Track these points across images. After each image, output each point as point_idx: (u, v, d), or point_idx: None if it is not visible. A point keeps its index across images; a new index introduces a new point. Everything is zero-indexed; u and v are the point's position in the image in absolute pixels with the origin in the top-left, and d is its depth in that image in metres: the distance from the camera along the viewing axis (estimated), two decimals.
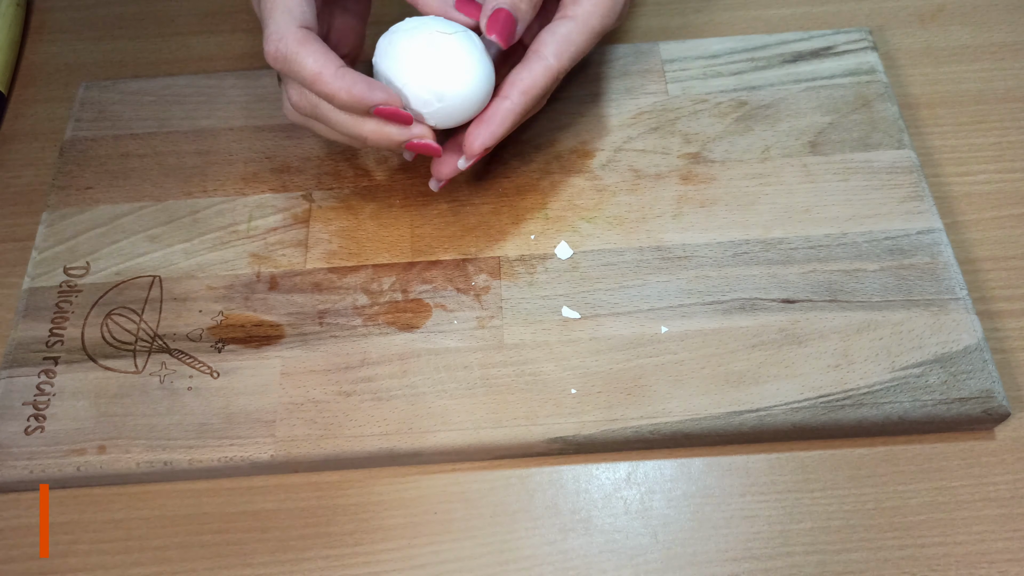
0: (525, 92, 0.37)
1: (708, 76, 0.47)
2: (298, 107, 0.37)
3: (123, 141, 0.46)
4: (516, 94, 0.37)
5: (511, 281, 0.41)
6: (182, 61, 0.52)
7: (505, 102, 0.37)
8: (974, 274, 0.42)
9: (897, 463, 0.38)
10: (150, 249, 0.43)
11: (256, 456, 0.37)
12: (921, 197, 0.42)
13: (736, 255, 0.41)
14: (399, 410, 0.38)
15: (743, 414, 0.37)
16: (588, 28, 0.38)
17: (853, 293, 0.40)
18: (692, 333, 0.39)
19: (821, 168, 0.44)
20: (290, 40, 0.34)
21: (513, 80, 0.37)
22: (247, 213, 0.44)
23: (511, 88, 0.37)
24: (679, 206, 0.43)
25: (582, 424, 0.37)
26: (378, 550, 0.37)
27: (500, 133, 0.37)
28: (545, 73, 0.37)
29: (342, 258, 0.42)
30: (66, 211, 0.44)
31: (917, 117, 0.47)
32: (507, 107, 0.37)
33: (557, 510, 0.37)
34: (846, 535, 0.36)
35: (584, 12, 0.38)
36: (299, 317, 0.40)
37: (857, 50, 0.47)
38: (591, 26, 0.38)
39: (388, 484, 0.38)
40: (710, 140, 0.45)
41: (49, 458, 0.37)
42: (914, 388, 0.37)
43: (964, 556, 0.36)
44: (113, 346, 0.40)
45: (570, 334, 0.39)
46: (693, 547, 0.36)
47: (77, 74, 0.51)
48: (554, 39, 0.37)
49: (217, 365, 0.39)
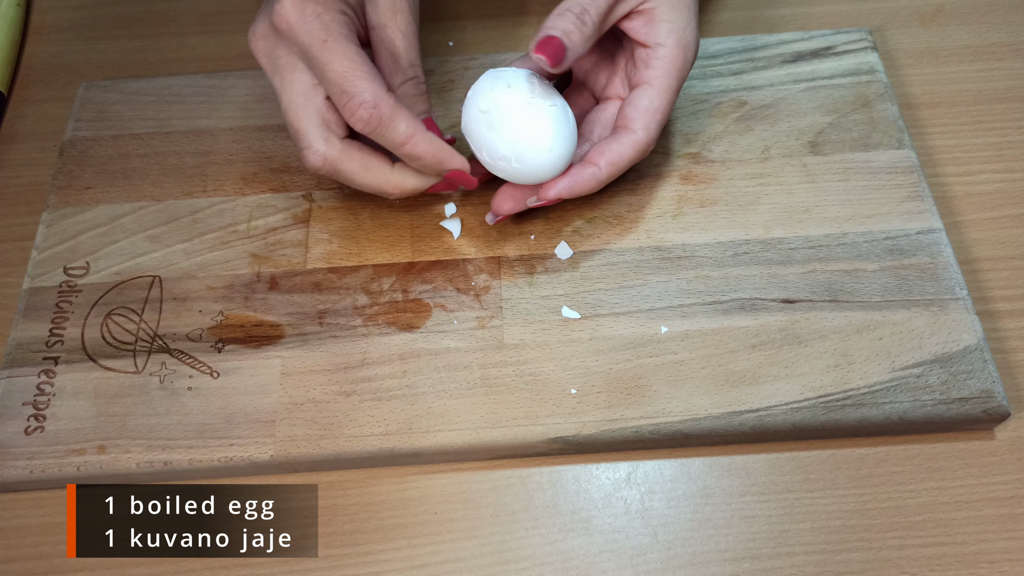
0: (612, 163, 0.39)
1: (708, 76, 0.47)
2: (333, 160, 0.38)
3: (123, 141, 0.46)
4: (604, 164, 0.39)
5: (511, 281, 0.41)
6: (182, 61, 0.52)
7: (592, 168, 0.39)
8: (974, 274, 0.42)
9: (897, 463, 0.38)
10: (150, 249, 0.43)
11: (256, 456, 0.37)
12: (921, 197, 0.42)
13: (736, 255, 0.41)
14: (399, 410, 0.38)
15: (743, 414, 0.37)
16: (669, 91, 0.39)
17: (853, 293, 0.40)
18: (692, 333, 0.39)
19: (821, 168, 0.44)
20: (385, 105, 0.35)
21: (603, 150, 0.39)
22: (247, 213, 0.44)
23: (600, 157, 0.39)
24: (679, 206, 0.43)
25: (582, 424, 0.37)
26: (378, 550, 0.37)
27: (578, 192, 0.39)
28: (634, 147, 0.39)
29: (342, 258, 0.42)
30: (66, 211, 0.44)
31: (917, 117, 0.47)
32: (592, 173, 0.39)
33: (557, 510, 0.37)
34: (846, 535, 0.36)
35: (661, 75, 0.39)
36: (299, 317, 0.40)
37: (857, 50, 0.47)
38: (671, 88, 0.39)
39: (388, 484, 0.38)
40: (710, 140, 0.45)
41: (49, 458, 0.37)
42: (914, 388, 0.37)
43: (964, 556, 0.36)
44: (113, 346, 0.40)
45: (570, 334, 0.39)
46: (693, 547, 0.36)
47: (77, 74, 0.51)
48: (639, 113, 0.39)
49: (217, 365, 0.39)
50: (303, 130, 0.37)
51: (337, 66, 0.35)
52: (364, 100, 0.35)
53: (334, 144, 0.37)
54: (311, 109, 0.37)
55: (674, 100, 0.40)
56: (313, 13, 0.35)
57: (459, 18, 0.52)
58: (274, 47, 0.37)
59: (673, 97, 0.39)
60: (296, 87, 0.37)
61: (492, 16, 0.52)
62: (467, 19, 0.52)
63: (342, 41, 0.35)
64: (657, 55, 0.39)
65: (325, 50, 0.35)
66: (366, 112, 0.35)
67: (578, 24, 0.36)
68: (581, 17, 0.37)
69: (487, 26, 0.52)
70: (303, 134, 0.37)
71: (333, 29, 0.35)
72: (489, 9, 0.53)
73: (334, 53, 0.35)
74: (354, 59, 0.35)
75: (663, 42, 0.38)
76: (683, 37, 0.39)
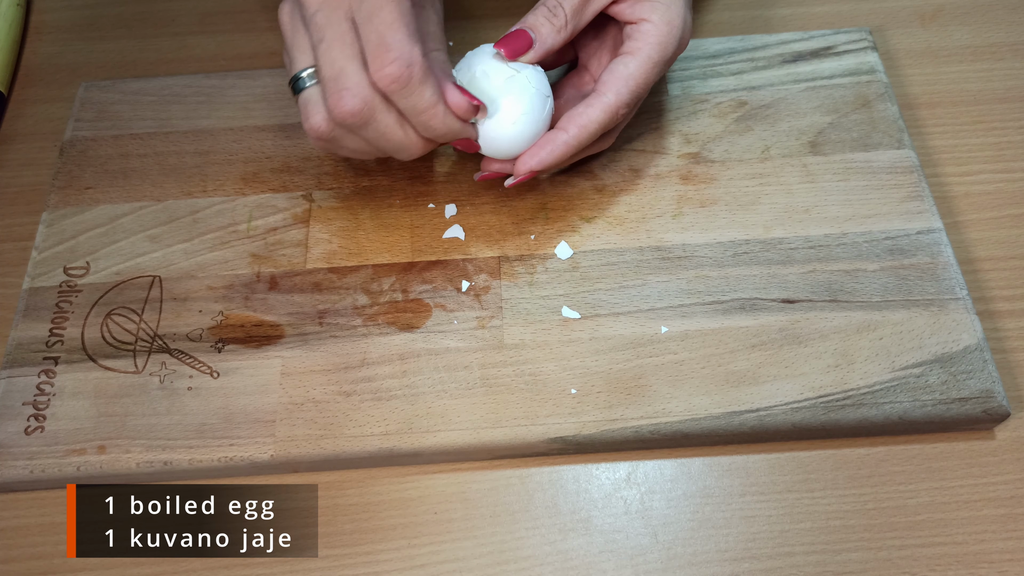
0: (582, 127, 0.38)
1: (708, 76, 0.47)
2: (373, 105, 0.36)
3: (123, 141, 0.46)
4: (573, 127, 0.38)
5: (511, 281, 0.41)
6: (182, 61, 0.52)
7: (561, 134, 0.39)
8: (974, 274, 0.42)
9: (897, 463, 0.38)
10: (150, 249, 0.43)
11: (256, 456, 0.37)
12: (921, 197, 0.42)
13: (736, 255, 0.41)
14: (399, 410, 0.38)
15: (743, 414, 0.37)
16: (647, 61, 0.39)
17: (853, 293, 0.40)
18: (692, 333, 0.39)
19: (821, 168, 0.44)
20: (419, 67, 0.34)
21: (572, 115, 0.39)
22: (247, 213, 0.44)
23: (569, 121, 0.39)
24: (679, 206, 0.43)
25: (582, 424, 0.37)
26: (378, 550, 0.37)
27: (549, 161, 0.39)
28: (603, 109, 0.38)
29: (342, 258, 0.42)
30: (66, 211, 0.44)
31: (917, 117, 0.47)
32: (562, 139, 0.38)
33: (557, 510, 0.37)
34: (846, 535, 0.36)
35: (642, 46, 0.39)
36: (299, 317, 0.40)
37: (857, 50, 0.47)
38: (650, 59, 0.39)
39: (388, 484, 0.38)
40: (710, 140, 0.45)
41: (49, 458, 0.37)
42: (914, 388, 0.37)
43: (964, 556, 0.36)
44: (113, 346, 0.40)
45: (570, 334, 0.39)
46: (693, 547, 0.36)
47: (77, 74, 0.51)
48: (613, 77, 0.39)
49: (217, 365, 0.39)
50: (348, 69, 0.34)
51: (386, 14, 0.34)
52: (400, 55, 0.34)
53: (377, 90, 0.35)
54: (356, 50, 0.35)
55: (653, 73, 0.39)
56: None
57: (459, 18, 0.52)
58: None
59: (651, 69, 0.39)
60: (343, 25, 0.35)
61: (492, 16, 0.52)
62: (467, 19, 0.52)
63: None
64: (640, 29, 0.39)
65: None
66: (397, 69, 0.34)
67: (548, 17, 0.38)
68: (553, 11, 0.38)
69: (487, 26, 0.52)
70: (347, 73, 0.34)
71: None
72: (489, 9, 0.53)
73: (389, 2, 0.34)
74: (405, 13, 0.34)
75: (647, 17, 0.39)
76: (668, 14, 0.39)
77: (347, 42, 0.34)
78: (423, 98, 0.35)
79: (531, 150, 0.39)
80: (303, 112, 0.37)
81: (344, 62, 0.34)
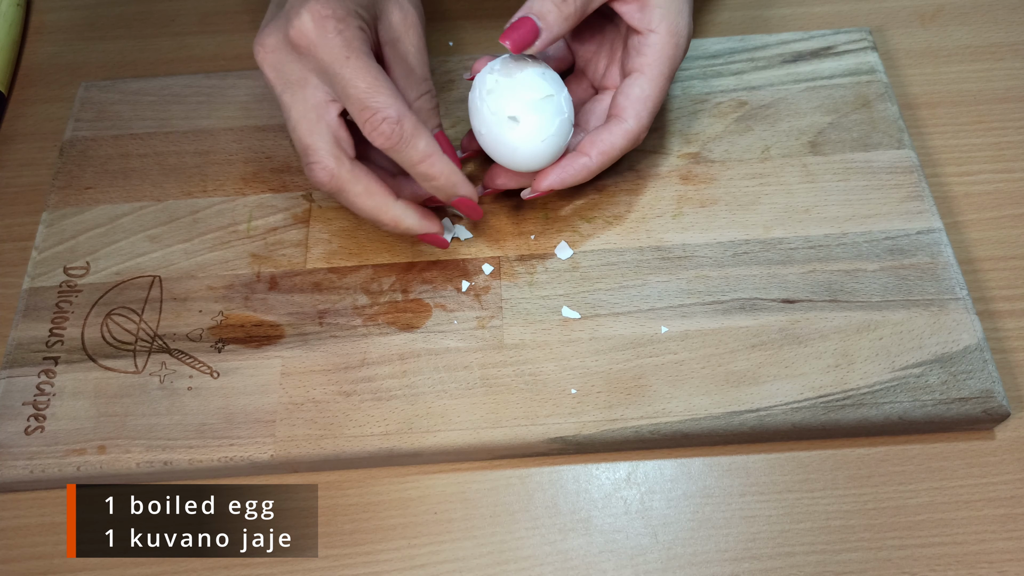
0: (603, 153, 0.39)
1: (708, 76, 0.47)
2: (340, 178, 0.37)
3: (123, 141, 0.46)
4: (595, 154, 0.39)
5: (511, 281, 0.41)
6: (182, 61, 0.52)
7: (583, 158, 0.39)
8: (974, 274, 0.42)
9: (897, 463, 0.38)
10: (150, 249, 0.43)
11: (256, 456, 0.37)
12: (921, 197, 0.42)
13: (736, 255, 0.41)
14: (399, 410, 0.38)
15: (743, 414, 0.37)
16: (659, 78, 0.39)
17: (853, 293, 0.40)
18: (692, 333, 0.39)
19: (821, 168, 0.44)
20: (408, 122, 0.35)
21: (595, 140, 0.39)
22: (247, 213, 0.44)
23: (591, 147, 0.39)
24: (679, 206, 0.43)
25: (582, 424, 0.37)
26: (378, 550, 0.37)
27: (569, 182, 0.39)
28: (624, 136, 0.39)
29: (342, 258, 0.42)
30: (66, 211, 0.44)
31: (917, 117, 0.47)
32: (583, 163, 0.39)
33: (557, 510, 0.37)
34: (846, 535, 0.36)
35: (652, 63, 0.39)
36: (299, 317, 0.40)
37: (857, 50, 0.47)
38: (662, 75, 0.39)
39: (388, 484, 0.38)
40: (710, 140, 0.45)
41: (49, 458, 0.37)
42: (914, 388, 0.37)
43: (964, 556, 0.36)
44: (113, 346, 0.40)
45: (570, 334, 0.39)
46: (693, 547, 0.36)
47: (77, 74, 0.51)
48: (631, 101, 0.39)
49: (217, 365, 0.39)
50: (313, 146, 0.37)
51: (360, 82, 0.35)
52: (388, 115, 0.35)
53: (343, 163, 0.37)
54: (323, 126, 0.36)
55: (666, 88, 0.39)
56: (335, 30, 0.35)
57: (459, 18, 0.52)
58: (286, 62, 0.36)
59: (665, 85, 0.39)
60: (308, 102, 0.36)
61: (492, 16, 0.52)
62: (467, 19, 0.52)
63: (364, 58, 0.35)
64: (648, 42, 0.39)
65: (348, 67, 0.35)
66: (389, 128, 0.35)
67: (557, 3, 0.37)
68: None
69: (487, 26, 0.52)
70: (313, 150, 0.37)
71: (355, 46, 0.35)
72: (489, 9, 0.53)
73: (357, 70, 0.35)
74: (377, 76, 0.35)
75: (655, 29, 0.38)
76: (675, 24, 0.39)
77: (312, 119, 0.37)
78: (418, 149, 0.36)
79: (553, 170, 0.39)
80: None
81: (310, 139, 0.37)
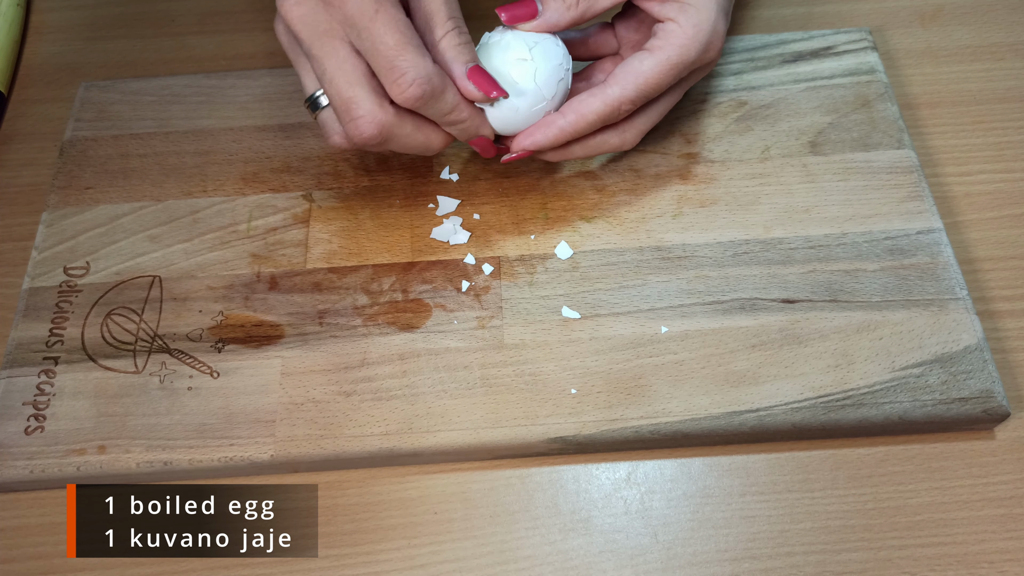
0: (580, 115, 0.38)
1: (708, 76, 0.47)
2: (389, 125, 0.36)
3: (123, 141, 0.46)
4: (571, 114, 0.38)
5: (511, 281, 0.41)
6: (182, 61, 0.52)
7: (559, 118, 0.39)
8: (974, 274, 0.42)
9: (897, 463, 0.38)
10: (150, 249, 0.43)
11: (256, 456, 0.37)
12: (921, 197, 0.42)
13: (736, 255, 0.41)
14: (399, 410, 0.38)
15: (743, 414, 0.37)
16: (664, 62, 0.38)
17: (853, 293, 0.40)
18: (692, 333, 0.39)
19: (821, 168, 0.44)
20: (436, 79, 0.35)
21: (573, 101, 0.39)
22: (247, 213, 0.44)
23: (568, 108, 0.39)
24: (679, 206, 0.43)
25: (582, 424, 0.37)
26: (378, 550, 0.37)
27: (543, 142, 0.39)
28: (604, 101, 0.38)
29: (342, 258, 0.42)
30: (66, 211, 0.44)
31: (917, 117, 0.47)
32: (558, 123, 0.38)
33: (557, 510, 0.37)
34: (846, 535, 0.36)
35: (663, 45, 0.38)
36: (299, 317, 0.40)
37: (857, 50, 0.47)
38: (668, 59, 0.38)
39: (388, 484, 0.38)
40: (710, 140, 0.45)
41: (49, 458, 0.37)
42: (914, 388, 0.37)
43: (964, 556, 0.36)
44: (113, 346, 0.40)
45: (570, 334, 0.39)
46: (693, 547, 0.36)
47: (77, 74, 0.51)
48: (624, 71, 0.38)
49: (217, 365, 0.39)
50: (356, 97, 0.35)
51: (389, 39, 0.34)
52: (417, 76, 0.34)
53: (387, 109, 0.36)
54: (359, 75, 0.35)
55: (668, 76, 0.39)
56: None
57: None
58: (315, 13, 0.35)
59: (667, 69, 0.38)
60: (340, 53, 0.35)
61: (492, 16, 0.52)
62: (466, 19, 0.52)
63: (392, 10, 0.34)
64: (666, 28, 0.38)
65: (376, 20, 0.34)
66: (419, 89, 0.34)
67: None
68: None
69: (488, 26, 0.52)
70: (356, 101, 0.35)
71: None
72: (489, 9, 0.53)
73: (385, 24, 0.34)
74: (404, 31, 0.34)
75: (674, 17, 0.38)
76: (698, 19, 0.38)
77: (348, 69, 0.35)
78: (447, 103, 0.36)
79: (528, 129, 0.39)
80: (323, 131, 0.38)
81: (351, 91, 0.35)
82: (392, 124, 0.36)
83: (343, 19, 0.35)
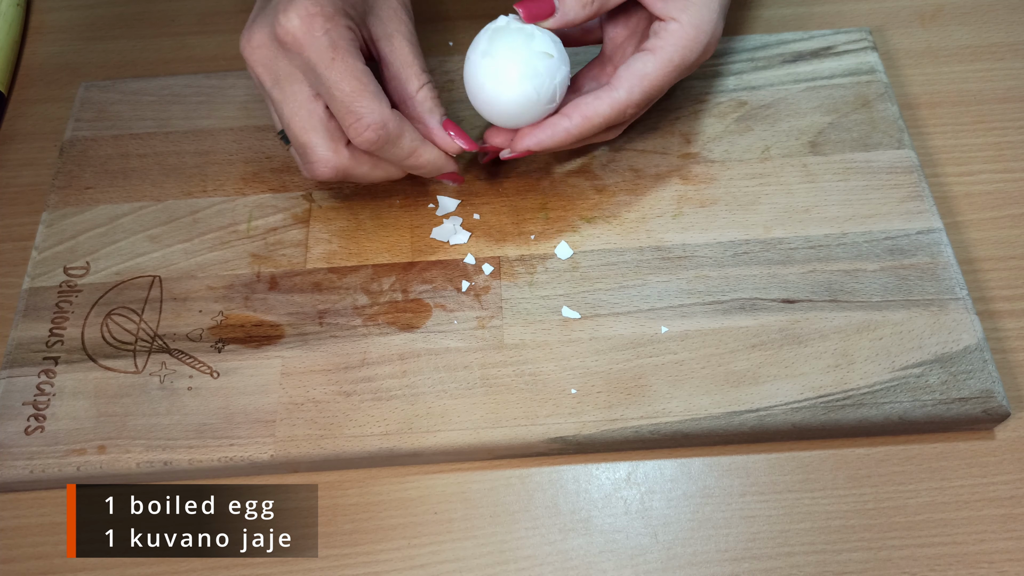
0: (587, 118, 0.38)
1: (708, 76, 0.47)
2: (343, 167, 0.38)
3: (123, 141, 0.46)
4: (577, 117, 0.39)
5: (511, 281, 0.41)
6: (182, 61, 0.52)
7: (564, 120, 0.39)
8: (974, 274, 0.42)
9: (897, 463, 0.38)
10: (150, 249, 0.43)
11: (256, 456, 0.37)
12: (921, 197, 0.42)
13: (736, 255, 0.41)
14: (399, 410, 0.38)
15: (743, 414, 0.37)
16: (667, 63, 0.39)
17: (853, 293, 0.40)
18: (692, 333, 0.39)
19: (821, 168, 0.44)
20: (392, 124, 0.36)
21: (579, 103, 0.39)
22: (247, 213, 0.44)
23: (575, 110, 0.39)
24: (679, 206, 0.43)
25: (582, 424, 0.37)
26: (378, 550, 0.37)
27: (548, 144, 0.39)
28: (611, 104, 0.38)
29: (342, 258, 0.42)
30: (66, 211, 0.44)
31: (917, 117, 0.47)
32: (564, 125, 0.39)
33: (557, 510, 0.37)
34: (846, 535, 0.36)
35: (665, 46, 0.39)
36: (299, 317, 0.40)
37: (857, 50, 0.47)
38: (671, 61, 0.39)
39: (388, 484, 0.38)
40: (710, 140, 0.45)
41: (49, 458, 0.37)
42: (914, 388, 0.37)
43: (964, 556, 0.36)
44: (113, 346, 0.40)
45: (570, 334, 0.39)
46: (693, 547, 0.36)
47: (77, 74, 0.51)
48: (629, 73, 0.39)
49: (217, 365, 0.39)
50: (310, 143, 0.37)
51: (345, 86, 0.35)
52: (372, 121, 0.35)
53: (342, 152, 0.37)
54: (315, 120, 0.37)
55: (671, 76, 0.39)
56: (321, 29, 0.35)
57: (459, 18, 0.52)
58: (275, 58, 0.36)
59: (670, 71, 0.39)
60: (298, 98, 0.36)
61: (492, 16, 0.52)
62: (467, 19, 0.52)
63: (350, 59, 0.35)
64: (667, 28, 0.38)
65: (333, 68, 0.35)
66: (374, 134, 0.36)
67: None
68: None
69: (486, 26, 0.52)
70: (311, 147, 0.37)
71: (341, 45, 0.35)
72: (489, 9, 0.52)
73: (342, 72, 0.35)
74: (361, 78, 0.35)
75: (676, 17, 0.38)
76: (698, 17, 0.38)
77: (304, 115, 0.37)
78: (403, 148, 0.37)
79: (532, 130, 0.39)
80: (297, 162, 0.39)
81: (305, 136, 0.37)
82: (348, 166, 0.37)
83: (301, 64, 0.36)
